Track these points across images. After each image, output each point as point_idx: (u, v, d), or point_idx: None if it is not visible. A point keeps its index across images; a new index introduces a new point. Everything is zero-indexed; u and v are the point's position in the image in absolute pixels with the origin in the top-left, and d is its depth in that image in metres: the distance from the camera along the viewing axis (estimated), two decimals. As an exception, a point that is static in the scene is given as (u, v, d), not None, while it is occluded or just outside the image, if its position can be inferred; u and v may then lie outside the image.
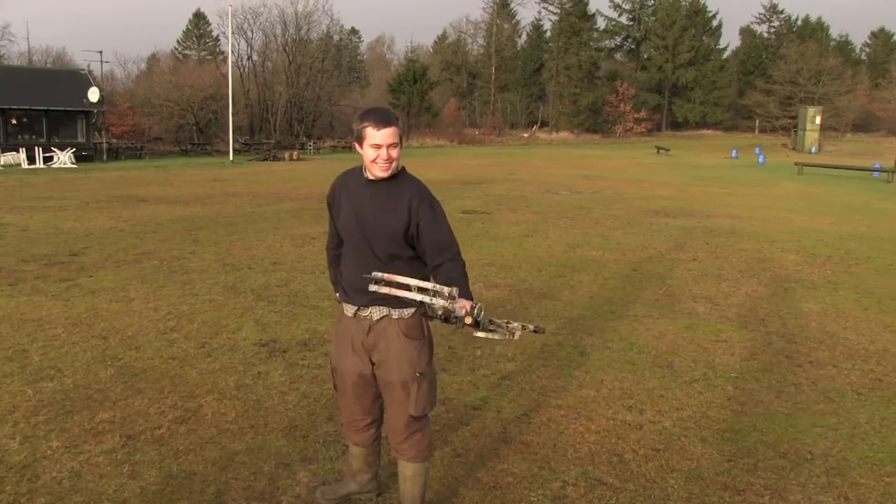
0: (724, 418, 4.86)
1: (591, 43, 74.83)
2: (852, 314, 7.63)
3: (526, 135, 66.57)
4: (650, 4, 75.76)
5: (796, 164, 34.14)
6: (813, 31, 77.03)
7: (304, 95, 51.98)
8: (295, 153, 36.99)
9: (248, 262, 9.43)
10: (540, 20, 77.71)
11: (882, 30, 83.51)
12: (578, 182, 22.77)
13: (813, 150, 56.68)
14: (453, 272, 3.11)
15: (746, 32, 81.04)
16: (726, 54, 76.94)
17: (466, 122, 69.17)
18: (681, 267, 9.85)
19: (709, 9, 74.51)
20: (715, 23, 74.71)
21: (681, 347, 6.34)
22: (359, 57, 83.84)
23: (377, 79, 73.35)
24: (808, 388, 5.49)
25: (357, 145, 3.17)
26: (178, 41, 73.60)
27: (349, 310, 3.31)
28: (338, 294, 3.51)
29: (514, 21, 77.02)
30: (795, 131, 60.50)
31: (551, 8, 75.78)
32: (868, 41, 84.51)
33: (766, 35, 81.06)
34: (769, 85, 69.17)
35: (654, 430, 4.65)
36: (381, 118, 3.07)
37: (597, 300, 7.88)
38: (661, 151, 46.55)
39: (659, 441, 4.49)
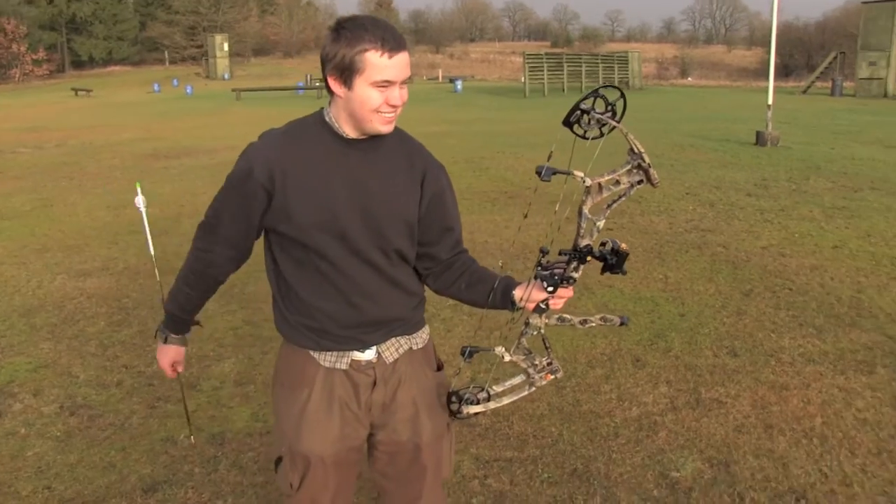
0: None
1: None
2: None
3: None
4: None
5: (233, 90, 34.70)
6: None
7: None
8: None
9: None
10: None
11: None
12: (27, 136, 18.88)
13: (226, 76, 58.28)
14: (476, 266, 2.02)
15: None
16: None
17: None
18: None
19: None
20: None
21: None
22: None
23: None
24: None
25: (336, 82, 1.75)
26: None
27: (338, 360, 1.91)
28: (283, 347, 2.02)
29: None
30: (206, 60, 61.21)
31: None
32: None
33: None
34: (171, 15, 67.98)
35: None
36: (392, 35, 1.70)
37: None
38: (82, 93, 42.37)
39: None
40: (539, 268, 1.77)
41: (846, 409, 3.78)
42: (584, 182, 1.63)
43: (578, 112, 1.65)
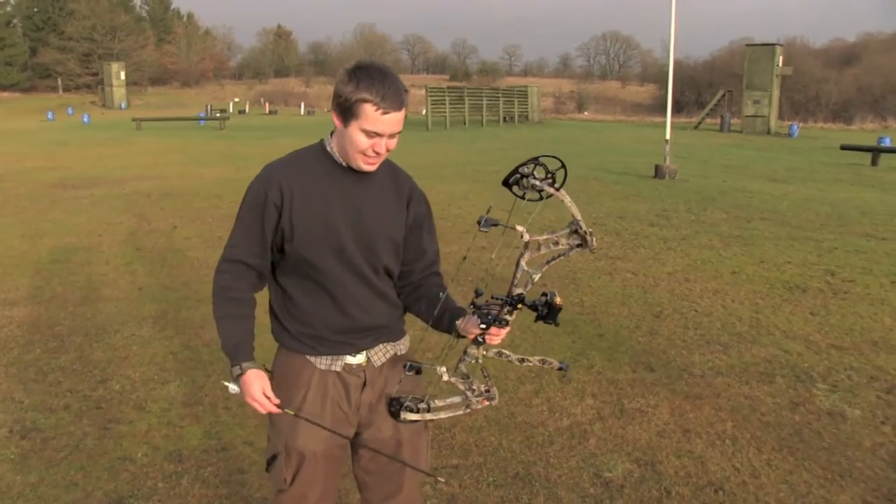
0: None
1: None
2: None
3: None
4: None
5: (133, 119, 33.91)
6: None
7: None
8: None
9: None
10: None
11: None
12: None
13: (123, 105, 56.75)
14: (438, 290, 2.23)
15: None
16: (10, 8, 69.82)
17: None
18: (177, 236, 8.93)
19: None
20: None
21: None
22: None
23: None
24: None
25: (337, 116, 2.02)
26: None
27: (333, 363, 2.16)
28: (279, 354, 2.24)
29: None
30: (102, 88, 59.45)
31: None
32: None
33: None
34: (64, 41, 65.68)
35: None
36: (392, 95, 1.96)
37: (152, 290, 6.59)
38: (-31, 119, 40.40)
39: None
40: (472, 305, 1.98)
41: (752, 414, 4.24)
42: (522, 237, 1.82)
43: (518, 175, 1.84)
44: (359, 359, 2.18)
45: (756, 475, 3.57)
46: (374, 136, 1.99)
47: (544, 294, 1.88)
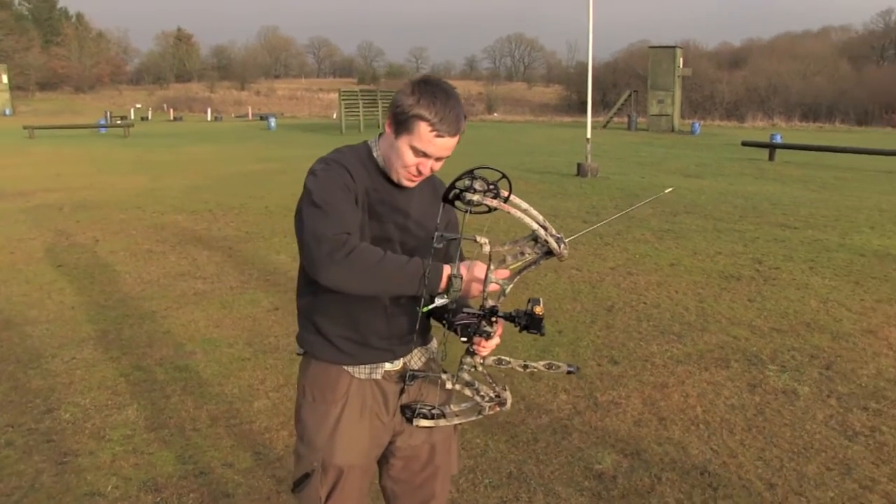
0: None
1: None
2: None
3: None
4: None
5: (25, 127, 32.18)
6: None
7: None
8: None
9: None
10: None
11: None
12: None
13: (7, 111, 53.77)
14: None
15: None
16: None
17: None
18: (101, 250, 8.51)
19: None
20: None
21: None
22: None
23: None
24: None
25: (390, 125, 1.96)
26: None
27: (373, 371, 2.08)
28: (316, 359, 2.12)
29: None
30: (-22, 93, 56.27)
31: None
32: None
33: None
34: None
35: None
36: (451, 120, 1.90)
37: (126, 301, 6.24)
38: None
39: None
40: (444, 321, 1.93)
41: (717, 398, 4.37)
42: (482, 248, 1.75)
43: (455, 190, 1.76)
44: (396, 365, 2.11)
45: (733, 455, 3.69)
46: (421, 155, 1.94)
47: (529, 301, 1.84)
